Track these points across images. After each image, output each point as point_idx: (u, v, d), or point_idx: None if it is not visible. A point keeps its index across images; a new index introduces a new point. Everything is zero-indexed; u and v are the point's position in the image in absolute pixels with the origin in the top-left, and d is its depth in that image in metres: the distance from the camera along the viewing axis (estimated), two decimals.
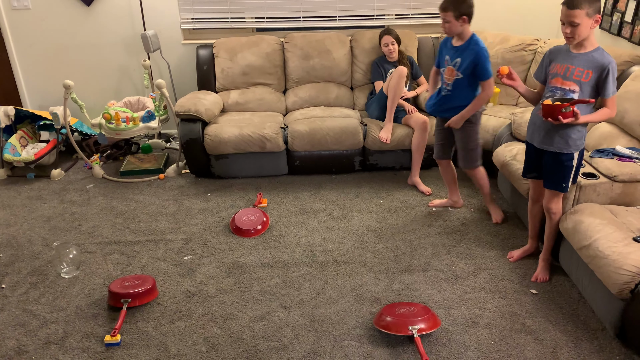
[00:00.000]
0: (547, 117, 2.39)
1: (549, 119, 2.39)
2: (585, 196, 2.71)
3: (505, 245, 3.09)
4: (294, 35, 4.34)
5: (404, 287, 2.74)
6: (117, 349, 2.36)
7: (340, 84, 4.39)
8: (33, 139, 4.31)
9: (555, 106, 2.34)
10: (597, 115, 2.45)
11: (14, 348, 2.37)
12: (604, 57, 2.37)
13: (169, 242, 3.18)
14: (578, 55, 2.42)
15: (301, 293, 2.71)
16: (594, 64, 2.37)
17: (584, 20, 2.31)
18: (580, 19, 2.31)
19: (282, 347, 2.36)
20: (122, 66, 4.59)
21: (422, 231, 3.26)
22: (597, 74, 2.37)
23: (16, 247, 3.16)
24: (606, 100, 2.41)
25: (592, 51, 2.40)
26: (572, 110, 2.33)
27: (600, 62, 2.36)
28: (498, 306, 2.59)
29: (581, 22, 2.31)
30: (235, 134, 3.77)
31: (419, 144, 3.80)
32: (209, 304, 2.64)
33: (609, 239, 2.35)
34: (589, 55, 2.39)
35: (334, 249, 3.09)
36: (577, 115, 2.34)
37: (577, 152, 2.52)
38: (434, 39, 4.46)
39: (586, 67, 2.39)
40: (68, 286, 2.79)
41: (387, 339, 2.39)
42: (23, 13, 4.33)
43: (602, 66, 2.35)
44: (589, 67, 2.38)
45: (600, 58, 2.37)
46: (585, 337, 2.38)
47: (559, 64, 2.48)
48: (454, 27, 2.96)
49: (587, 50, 2.40)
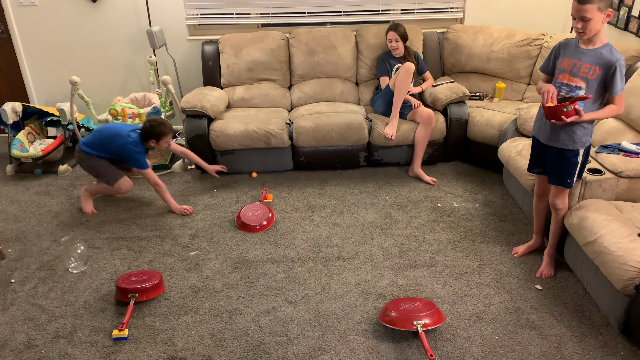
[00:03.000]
0: (550, 119, 2.39)
1: (553, 120, 2.39)
2: (591, 192, 2.71)
3: (510, 241, 3.09)
4: (299, 31, 4.34)
5: (408, 283, 2.75)
6: (125, 343, 2.39)
7: (346, 79, 4.39)
8: (40, 135, 4.34)
9: (555, 107, 2.34)
10: (603, 112, 2.43)
11: (24, 342, 2.41)
12: (612, 54, 2.34)
13: (175, 238, 3.21)
14: (586, 52, 2.40)
15: (306, 288, 2.73)
16: (602, 61, 2.35)
17: (596, 14, 2.28)
18: (591, 14, 2.28)
19: (288, 341, 2.38)
20: (128, 62, 4.61)
21: (427, 227, 3.26)
22: (604, 71, 2.35)
23: (25, 242, 3.19)
24: (614, 97, 2.39)
25: (600, 47, 2.37)
26: (573, 109, 2.32)
27: (607, 59, 2.34)
28: (503, 301, 2.60)
29: (593, 16, 2.28)
30: (241, 130, 3.78)
31: (423, 137, 3.80)
32: (215, 299, 2.66)
33: (614, 234, 2.35)
34: (597, 51, 2.37)
35: (339, 244, 3.11)
36: (579, 112, 2.33)
37: (583, 149, 2.51)
38: (439, 33, 4.45)
39: (593, 63, 2.37)
40: (76, 281, 2.83)
41: (392, 334, 2.40)
42: (30, 9, 4.36)
43: (609, 63, 2.33)
44: (596, 64, 2.36)
45: (608, 55, 2.34)
46: (590, 332, 2.39)
47: (567, 59, 2.46)
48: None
49: (596, 47, 2.38)
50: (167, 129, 3.38)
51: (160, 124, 3.35)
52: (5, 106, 4.07)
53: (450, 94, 3.88)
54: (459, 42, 4.31)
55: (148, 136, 3.35)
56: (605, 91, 2.40)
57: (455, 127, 3.91)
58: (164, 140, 3.39)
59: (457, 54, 4.33)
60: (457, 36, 4.33)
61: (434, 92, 4.03)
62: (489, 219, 3.33)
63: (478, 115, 3.88)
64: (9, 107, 4.08)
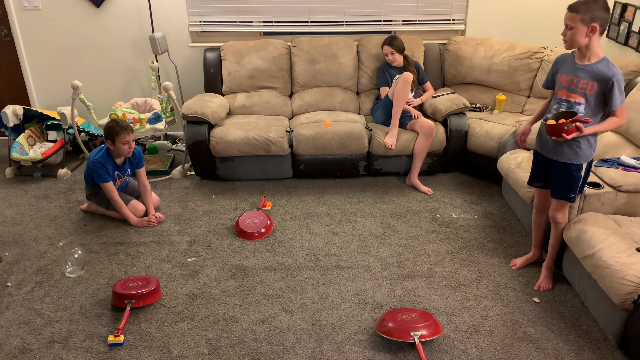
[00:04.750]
0: (552, 136, 2.41)
1: (554, 137, 2.40)
2: (590, 205, 2.71)
3: (509, 253, 3.09)
4: (300, 40, 4.36)
5: (406, 293, 2.74)
6: (120, 349, 2.38)
7: (346, 88, 4.41)
8: (41, 139, 4.34)
9: (557, 125, 2.36)
10: (605, 124, 2.43)
11: (19, 346, 2.39)
12: (608, 68, 2.35)
13: (173, 244, 3.20)
14: (582, 67, 2.41)
15: (304, 297, 2.72)
16: (598, 76, 2.36)
17: (578, 25, 2.30)
18: (574, 23, 2.31)
19: (284, 351, 2.37)
20: (130, 68, 4.62)
21: (425, 237, 3.26)
22: (602, 86, 2.36)
23: (22, 245, 3.18)
24: (615, 111, 2.40)
25: (596, 62, 2.38)
26: (574, 126, 2.34)
27: (604, 74, 2.34)
28: (500, 314, 2.59)
29: (575, 26, 2.31)
30: (241, 137, 3.79)
31: (422, 147, 3.81)
32: (212, 306, 2.65)
33: (612, 249, 2.35)
34: (593, 67, 2.38)
35: (337, 253, 3.10)
36: (580, 129, 2.34)
37: (586, 163, 2.52)
38: (441, 45, 4.47)
39: (590, 79, 2.38)
40: (72, 286, 2.82)
41: (389, 344, 2.39)
42: (33, 13, 4.38)
43: (606, 78, 2.34)
44: (593, 79, 2.37)
45: (604, 70, 2.35)
46: (587, 347, 2.38)
47: (565, 75, 2.48)
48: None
49: (592, 62, 2.39)
50: (120, 127, 3.21)
51: (112, 125, 3.21)
52: (6, 109, 4.08)
53: (451, 105, 3.90)
54: (459, 53, 4.33)
55: (106, 138, 3.25)
56: (605, 104, 2.41)
57: (455, 138, 3.92)
58: (119, 140, 3.22)
59: (457, 66, 4.35)
60: (458, 48, 4.35)
61: (434, 103, 4.04)
62: (488, 231, 3.33)
63: (478, 126, 3.89)
64: (10, 110, 4.09)
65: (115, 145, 3.26)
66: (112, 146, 3.28)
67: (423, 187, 3.84)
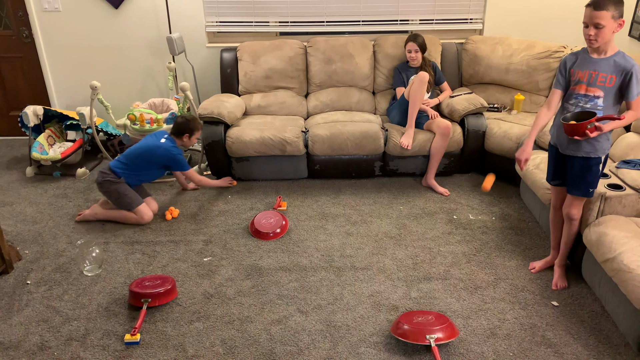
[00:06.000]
0: (572, 135, 2.38)
1: (576, 137, 2.38)
2: (610, 208, 2.66)
3: (527, 255, 3.05)
4: (316, 40, 4.35)
5: (422, 295, 2.72)
6: (136, 348, 2.40)
7: (362, 88, 4.39)
8: (60, 138, 4.41)
9: (578, 125, 2.33)
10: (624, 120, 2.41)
11: (37, 343, 2.43)
12: (626, 60, 2.37)
13: (189, 243, 3.22)
14: (600, 61, 2.41)
15: (318, 298, 2.71)
16: (618, 69, 2.37)
17: (609, 22, 2.30)
18: (605, 21, 2.29)
19: (299, 351, 2.36)
20: (147, 68, 4.67)
21: (442, 239, 3.23)
22: (621, 78, 2.37)
23: (42, 244, 3.23)
24: (631, 103, 2.40)
25: (613, 55, 2.39)
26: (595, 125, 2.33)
27: (623, 65, 2.36)
28: (518, 317, 2.55)
29: (606, 24, 2.30)
30: (257, 137, 3.80)
31: (439, 148, 3.78)
32: (227, 306, 2.66)
33: (634, 252, 2.30)
34: (610, 60, 2.39)
35: (353, 254, 3.09)
36: (600, 127, 2.34)
37: (604, 156, 2.51)
38: (458, 44, 4.43)
39: (610, 72, 2.38)
40: (90, 284, 2.85)
41: (404, 347, 2.38)
42: (53, 15, 4.44)
43: (625, 70, 2.35)
44: (612, 72, 2.38)
45: (623, 62, 2.37)
46: (608, 352, 2.33)
47: (581, 70, 2.46)
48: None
49: (609, 55, 2.40)
50: (200, 124, 3.57)
51: (194, 119, 3.53)
52: (27, 109, 4.15)
53: (468, 105, 3.85)
54: (477, 53, 4.28)
55: (183, 130, 3.46)
56: (621, 98, 2.42)
57: (472, 138, 3.88)
58: (196, 135, 3.54)
59: (475, 65, 4.30)
60: (475, 47, 4.30)
61: (451, 102, 4.00)
62: (505, 233, 3.29)
63: (496, 127, 3.84)
64: (31, 110, 4.16)
65: (191, 139, 3.51)
66: (185, 139, 3.49)
67: (440, 188, 3.81)
